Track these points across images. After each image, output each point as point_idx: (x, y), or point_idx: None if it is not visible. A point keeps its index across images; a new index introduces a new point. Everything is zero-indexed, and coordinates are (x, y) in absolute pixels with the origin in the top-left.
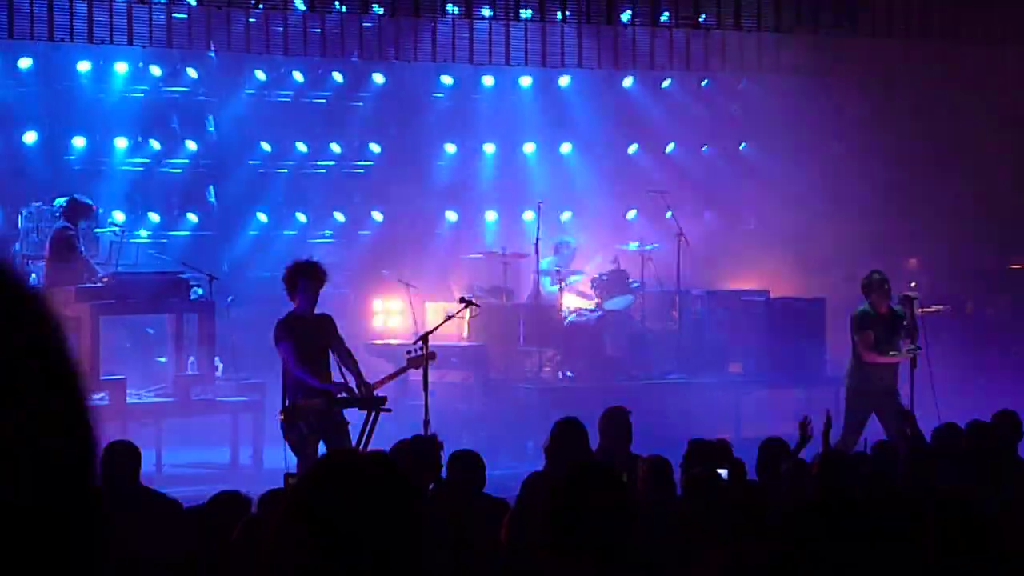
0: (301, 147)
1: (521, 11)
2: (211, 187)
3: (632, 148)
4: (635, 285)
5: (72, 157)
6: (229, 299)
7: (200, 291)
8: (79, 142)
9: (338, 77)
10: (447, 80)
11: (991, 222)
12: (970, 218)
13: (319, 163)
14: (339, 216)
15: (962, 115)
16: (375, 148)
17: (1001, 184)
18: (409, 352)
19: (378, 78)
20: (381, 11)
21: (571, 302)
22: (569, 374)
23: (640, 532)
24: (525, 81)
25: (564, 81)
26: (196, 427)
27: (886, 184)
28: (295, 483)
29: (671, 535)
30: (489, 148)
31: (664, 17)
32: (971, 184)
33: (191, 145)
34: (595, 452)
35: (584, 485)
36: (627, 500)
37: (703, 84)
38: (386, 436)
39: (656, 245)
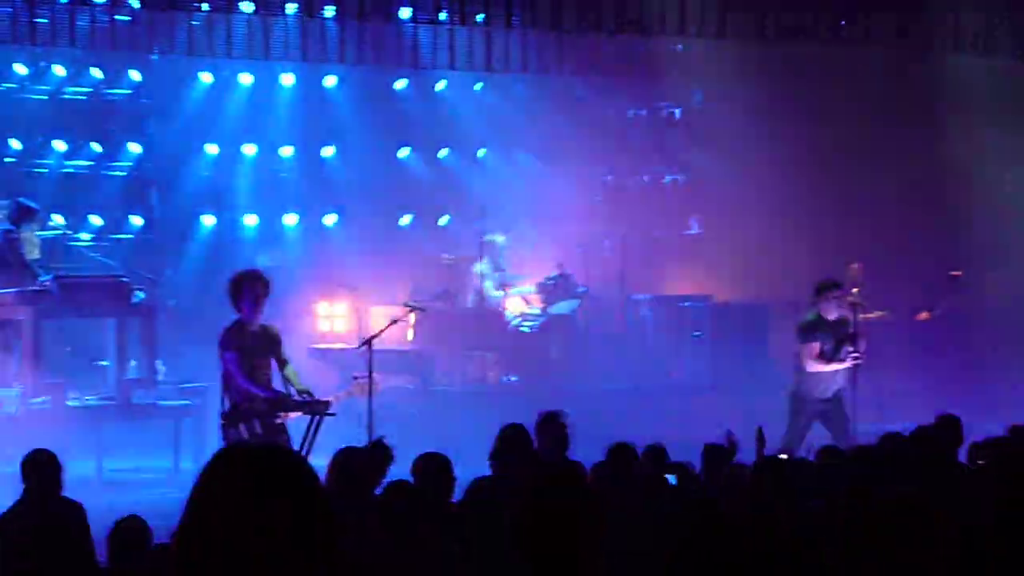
0: (248, 150)
1: (472, 17)
2: (154, 190)
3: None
4: (581, 290)
5: (10, 159)
6: (171, 303)
7: (142, 295)
8: (15, 144)
9: (289, 80)
10: (400, 84)
11: (933, 228)
12: (913, 224)
13: (268, 166)
14: (288, 220)
15: (901, 120)
16: (327, 152)
17: (941, 192)
18: (356, 377)
19: (330, 81)
20: (331, 14)
21: (516, 307)
22: (513, 378)
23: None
24: (475, 86)
25: (514, 87)
26: (137, 432)
27: (828, 189)
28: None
29: (621, 539)
30: (443, 152)
31: (608, 23)
32: (911, 190)
33: (134, 148)
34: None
35: (553, 490)
36: (597, 506)
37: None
38: (329, 441)
39: (594, 249)
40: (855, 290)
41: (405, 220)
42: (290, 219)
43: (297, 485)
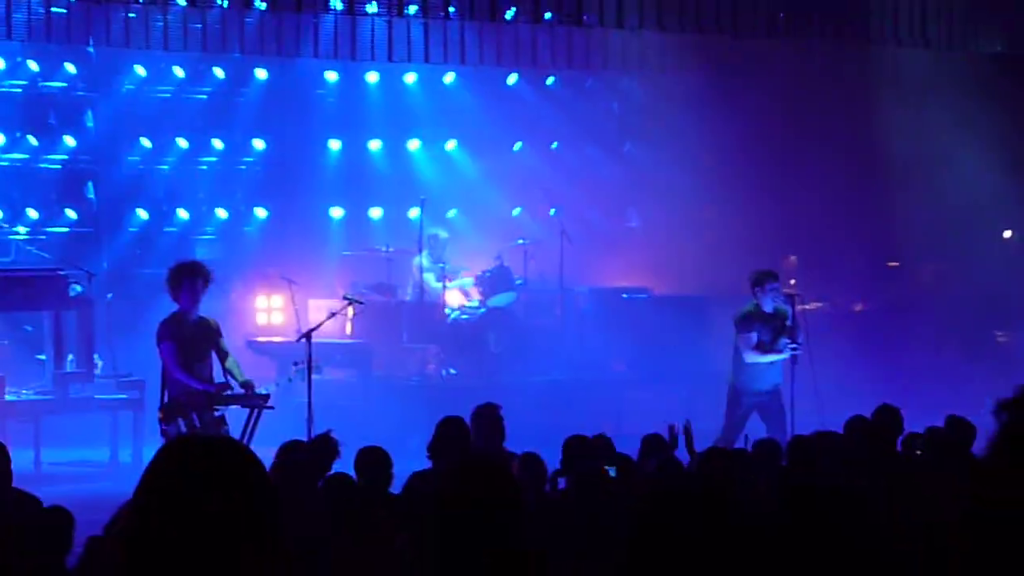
0: (182, 143)
1: (406, 8)
2: (90, 184)
3: (516, 146)
4: (519, 282)
5: None
6: (109, 296)
7: (79, 288)
8: None
9: (220, 73)
10: (332, 76)
11: (871, 219)
12: (851, 215)
13: (201, 159)
14: (222, 213)
15: (839, 111)
16: (259, 144)
17: (878, 183)
18: (296, 363)
19: (261, 74)
20: (264, 6)
21: (455, 299)
22: (452, 371)
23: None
24: (410, 78)
25: (449, 78)
26: (75, 425)
27: (765, 181)
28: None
29: (554, 532)
30: (375, 145)
31: (548, 14)
32: (848, 181)
33: (69, 141)
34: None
35: (472, 482)
36: (518, 497)
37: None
38: (268, 435)
39: (532, 241)
40: (792, 281)
41: (336, 213)
42: (223, 212)
43: (246, 477)
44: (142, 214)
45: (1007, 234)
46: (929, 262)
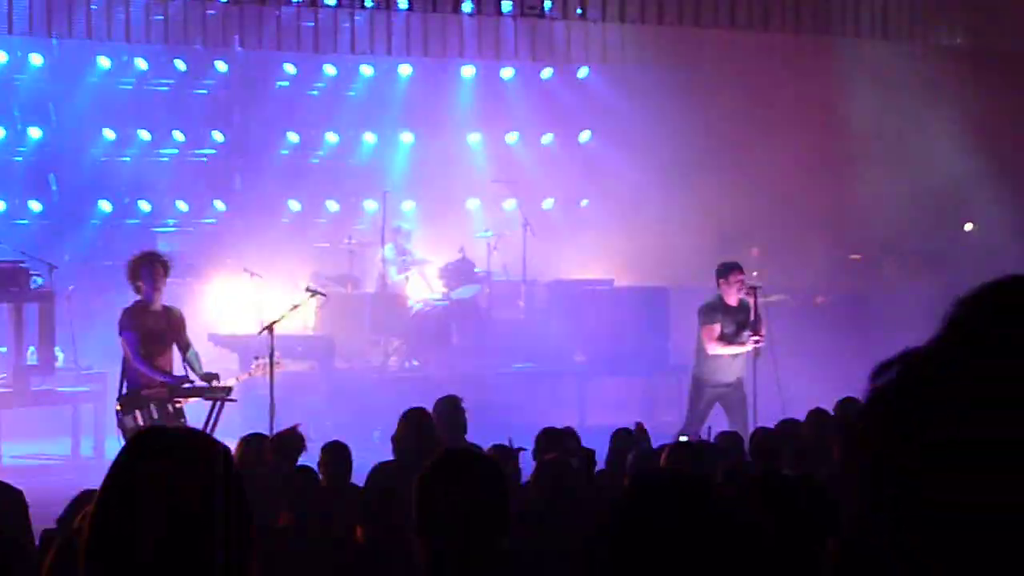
0: (144, 135)
1: (365, 0)
2: (52, 175)
3: (474, 137)
4: (481, 274)
5: None
6: (70, 288)
7: (40, 280)
8: None
9: (181, 65)
10: (290, 68)
11: (833, 212)
12: (813, 208)
13: (162, 151)
14: (182, 205)
15: (801, 104)
16: (218, 136)
17: (840, 175)
18: (256, 357)
19: (221, 66)
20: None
21: (418, 291)
22: (415, 363)
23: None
24: (366, 70)
25: (405, 70)
26: (36, 418)
27: (728, 174)
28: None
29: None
30: (332, 137)
31: (507, 8)
32: (811, 174)
33: (33, 133)
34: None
35: (456, 471)
36: (504, 487)
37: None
38: (230, 428)
39: (496, 233)
40: (755, 274)
41: (295, 205)
42: (183, 204)
43: (217, 469)
44: (105, 206)
45: (968, 227)
46: (891, 255)
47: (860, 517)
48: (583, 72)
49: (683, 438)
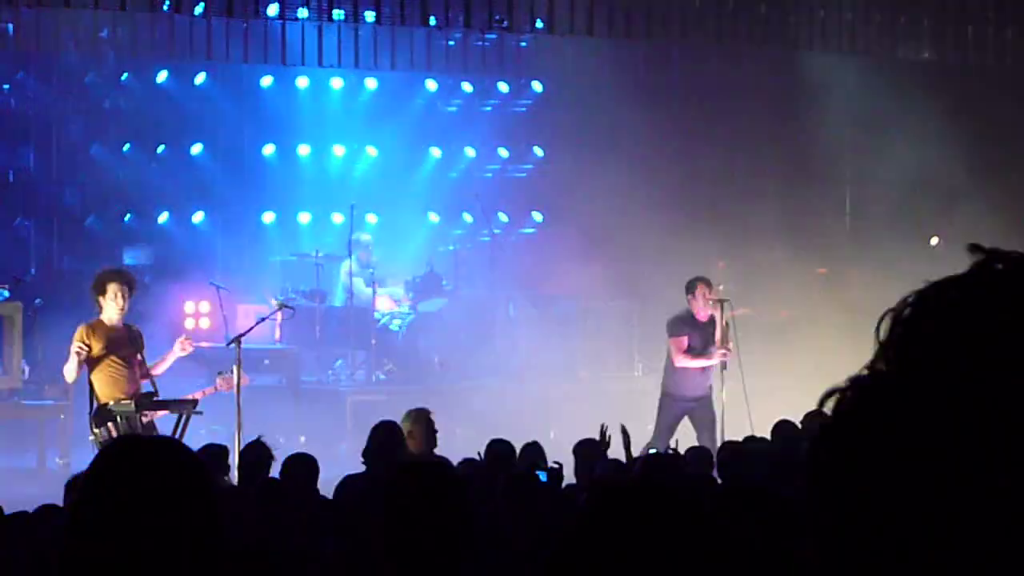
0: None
1: (334, 12)
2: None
3: (436, 152)
4: (449, 288)
5: None
6: (37, 302)
7: (6, 293)
8: None
9: (162, 76)
10: (267, 81)
11: (799, 227)
12: (779, 221)
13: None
14: (160, 217)
15: (766, 117)
16: (195, 149)
17: (806, 188)
18: (221, 373)
19: (199, 78)
20: (201, 11)
21: (385, 305)
22: (382, 377)
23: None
24: (336, 83)
25: (371, 84)
26: (2, 431)
27: (694, 187)
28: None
29: (490, 536)
30: (304, 150)
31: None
32: (777, 186)
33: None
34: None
35: (418, 485)
36: (464, 499)
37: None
38: (196, 441)
39: (463, 246)
40: (720, 287)
41: (268, 218)
42: (161, 216)
43: (193, 478)
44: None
45: (933, 241)
46: (855, 268)
47: (824, 539)
48: (537, 86)
49: (651, 452)
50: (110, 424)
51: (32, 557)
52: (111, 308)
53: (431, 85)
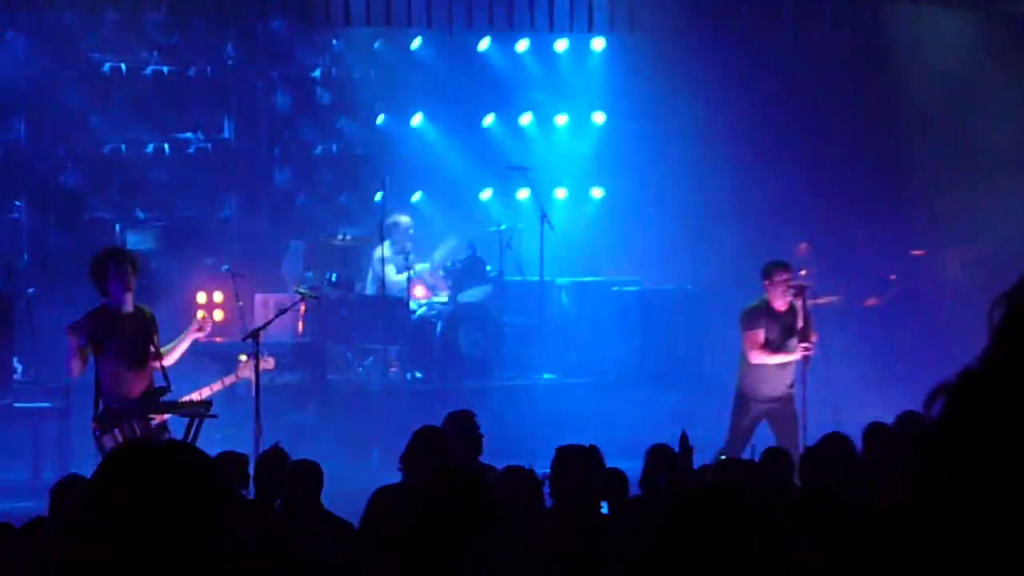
0: None
1: None
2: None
3: (488, 119)
4: (493, 274)
5: None
6: (30, 291)
7: None
8: None
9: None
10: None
11: (891, 200)
12: (869, 196)
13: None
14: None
15: (855, 77)
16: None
17: (900, 159)
18: (242, 359)
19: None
20: None
21: (420, 293)
22: (418, 375)
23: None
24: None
25: (415, 43)
26: None
27: (773, 157)
28: (94, 472)
29: (537, 551)
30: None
31: None
32: (867, 161)
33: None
34: None
35: (444, 497)
36: (492, 513)
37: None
38: (211, 446)
39: (509, 228)
40: (803, 272)
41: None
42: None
43: (208, 486)
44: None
45: None
46: (957, 249)
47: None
48: (599, 43)
49: (723, 458)
50: (116, 430)
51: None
52: (116, 292)
53: (482, 44)
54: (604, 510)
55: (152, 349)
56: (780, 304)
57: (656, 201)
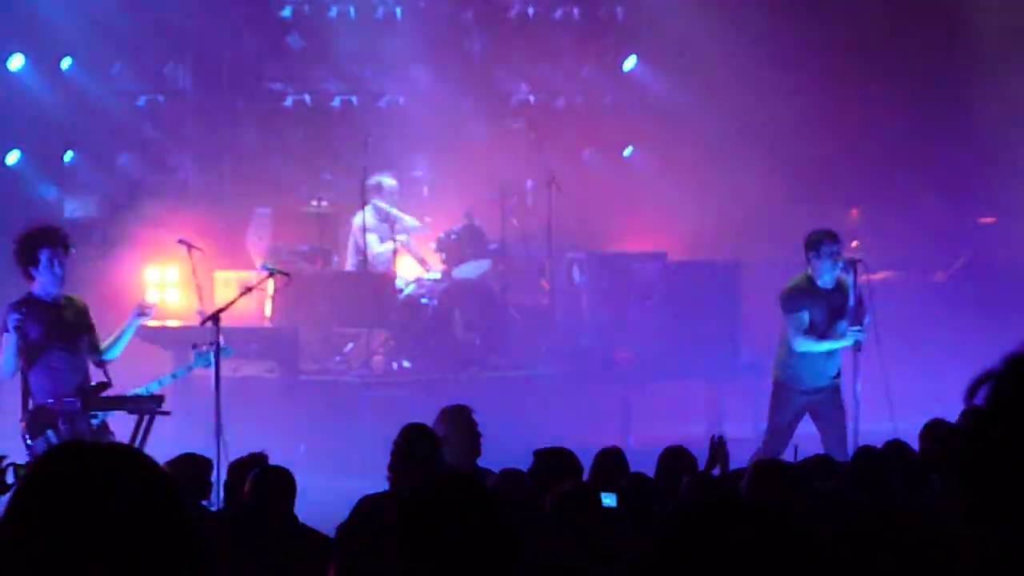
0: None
1: None
2: None
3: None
4: (493, 246)
5: None
6: None
7: None
8: None
9: None
10: None
11: (954, 164)
12: (929, 158)
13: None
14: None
15: (916, 31)
16: None
17: (965, 119)
18: (195, 347)
19: None
20: None
21: (409, 270)
22: (406, 364)
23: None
24: None
25: None
26: None
27: (819, 114)
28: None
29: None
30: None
31: None
32: (927, 116)
33: None
34: None
35: (441, 505)
36: (499, 523)
37: None
38: (164, 446)
39: (513, 192)
40: (855, 244)
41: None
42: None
43: (152, 491)
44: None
45: None
46: None
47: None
48: None
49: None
50: (49, 431)
51: None
52: (46, 279)
53: None
54: (611, 501)
55: (87, 342)
56: (827, 281)
57: (683, 161)
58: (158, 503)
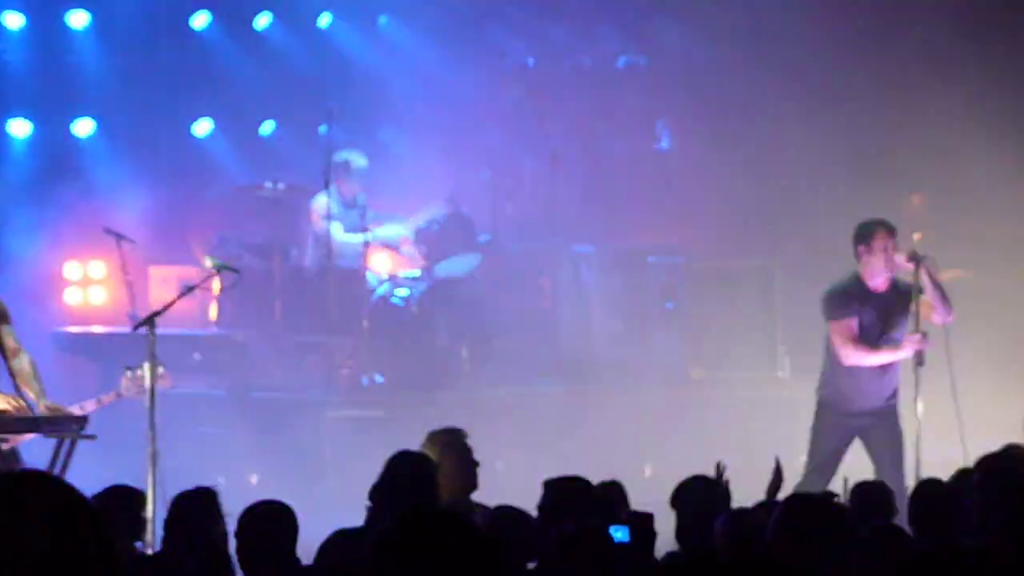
0: None
1: None
2: None
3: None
4: (483, 239)
5: None
6: None
7: None
8: None
9: None
10: None
11: None
12: (1002, 135)
13: None
14: (18, 129)
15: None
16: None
17: None
18: (129, 369)
19: None
20: None
21: (383, 265)
22: (378, 379)
23: None
24: None
25: None
26: None
27: (870, 90)
28: None
29: None
30: (263, 21)
31: None
32: (997, 88)
33: None
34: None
35: (421, 541)
36: (488, 559)
37: None
38: (88, 479)
39: (507, 173)
40: (916, 237)
41: (203, 128)
42: (20, 127)
43: (79, 531)
44: None
45: None
46: None
47: None
48: None
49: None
50: None
51: None
52: None
53: None
54: (623, 536)
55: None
56: (879, 281)
57: (712, 144)
58: (79, 535)
